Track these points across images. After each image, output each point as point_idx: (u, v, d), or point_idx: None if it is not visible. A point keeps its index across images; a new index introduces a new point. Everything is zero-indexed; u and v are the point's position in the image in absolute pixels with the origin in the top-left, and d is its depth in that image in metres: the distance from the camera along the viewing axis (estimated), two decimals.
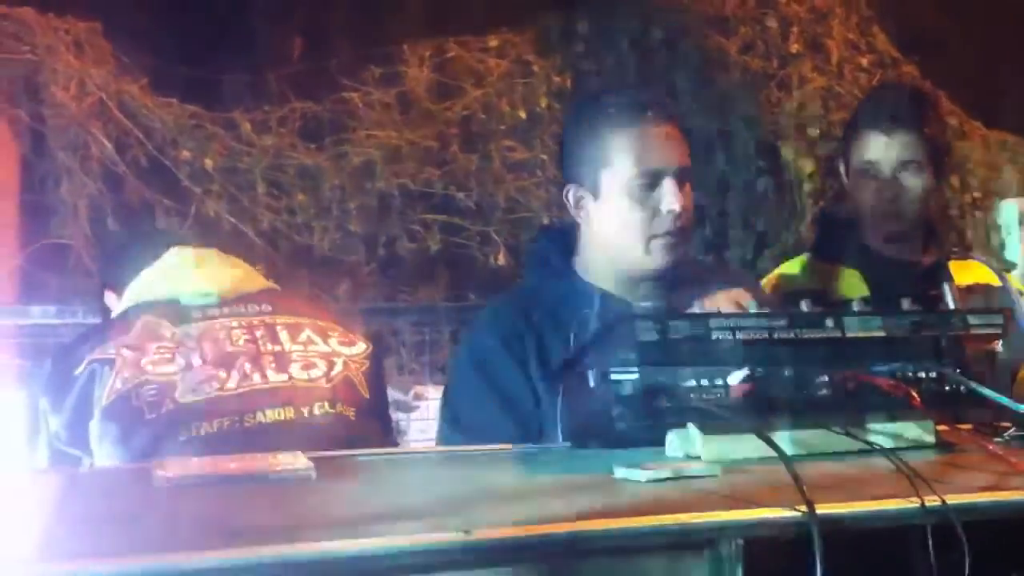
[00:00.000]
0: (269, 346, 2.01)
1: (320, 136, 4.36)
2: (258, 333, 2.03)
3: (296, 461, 1.40)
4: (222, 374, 1.95)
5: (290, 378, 1.98)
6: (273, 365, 1.99)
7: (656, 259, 1.93)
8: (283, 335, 2.04)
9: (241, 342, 2.01)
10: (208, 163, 4.14)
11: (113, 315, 2.16)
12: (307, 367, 2.00)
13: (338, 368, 2.03)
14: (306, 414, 1.94)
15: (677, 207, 1.91)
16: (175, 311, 2.04)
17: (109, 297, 2.25)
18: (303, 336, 2.06)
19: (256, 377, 1.97)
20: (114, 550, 1.05)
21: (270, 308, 2.09)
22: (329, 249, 4.23)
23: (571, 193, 2.00)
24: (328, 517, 1.20)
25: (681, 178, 1.94)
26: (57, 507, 1.25)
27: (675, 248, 1.94)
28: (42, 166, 3.93)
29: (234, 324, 2.04)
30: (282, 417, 1.93)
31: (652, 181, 1.92)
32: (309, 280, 4.20)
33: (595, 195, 1.96)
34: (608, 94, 2.05)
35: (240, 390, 1.94)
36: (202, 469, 1.37)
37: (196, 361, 1.95)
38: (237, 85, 4.47)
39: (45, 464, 1.89)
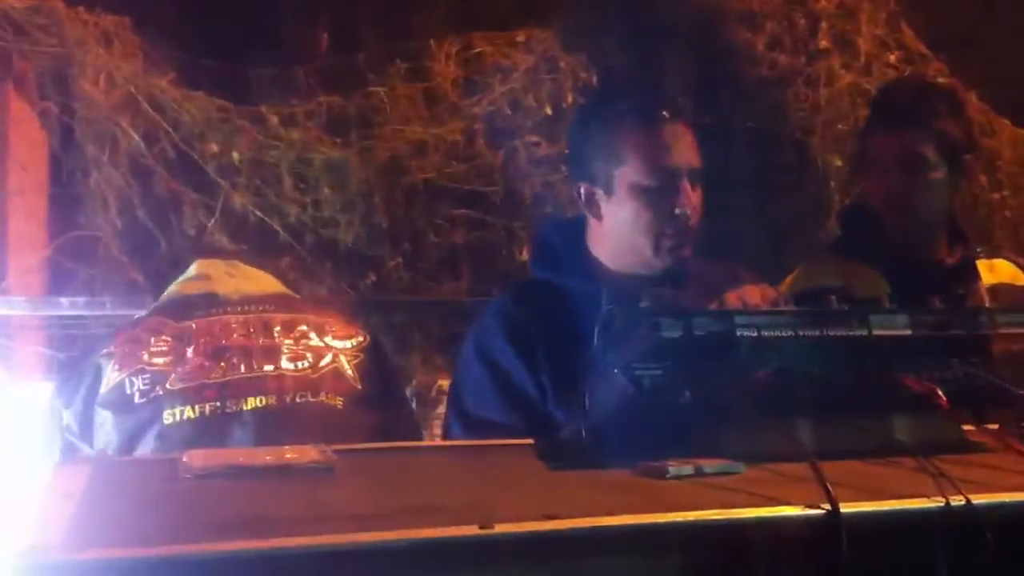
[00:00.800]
0: (261, 340, 2.05)
1: (346, 130, 4.36)
2: (252, 328, 2.07)
3: (319, 454, 1.41)
4: (210, 364, 1.99)
5: (276, 368, 2.02)
6: (262, 357, 2.02)
7: (664, 259, 1.94)
8: (276, 330, 2.08)
9: (235, 336, 2.05)
10: (235, 156, 4.15)
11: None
12: (295, 359, 2.05)
13: (327, 360, 2.06)
14: (288, 401, 1.98)
15: (688, 209, 1.92)
16: (179, 309, 2.09)
17: None
18: (297, 331, 2.09)
19: (243, 368, 2.01)
20: (139, 539, 1.06)
21: (272, 307, 2.14)
22: (354, 243, 4.24)
23: (582, 189, 2.00)
24: (349, 510, 1.20)
25: (692, 179, 1.95)
26: (83, 497, 1.26)
27: (682, 248, 1.95)
28: (71, 159, 3.95)
29: (233, 321, 2.08)
30: (263, 404, 1.97)
31: (665, 181, 1.92)
32: (334, 273, 4.20)
33: (607, 192, 1.96)
34: (622, 92, 2.05)
35: (226, 379, 1.98)
36: (226, 460, 1.38)
37: (190, 353, 2.00)
38: (264, 79, 4.47)
39: (57, 458, 1.92)
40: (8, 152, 3.92)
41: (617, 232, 1.97)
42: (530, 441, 1.59)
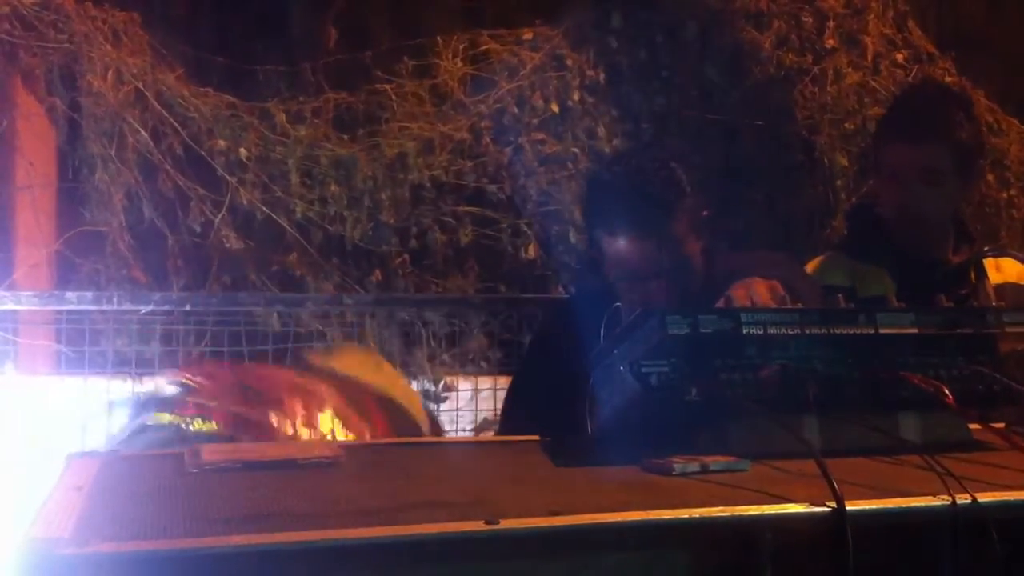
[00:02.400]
0: None
1: (354, 127, 4.37)
2: None
3: (325, 448, 1.41)
4: None
5: None
6: None
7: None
8: None
9: None
10: (243, 153, 4.15)
11: None
12: None
13: None
14: None
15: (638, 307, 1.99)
16: None
17: None
18: None
19: None
20: (147, 533, 1.06)
21: None
22: (361, 239, 4.24)
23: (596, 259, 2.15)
24: (355, 505, 1.20)
25: (648, 277, 2.03)
26: (91, 491, 1.27)
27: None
28: (79, 154, 3.96)
29: None
30: None
31: (628, 279, 2.06)
32: (341, 270, 4.21)
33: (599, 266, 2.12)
34: (605, 182, 2.12)
35: None
36: (233, 455, 1.38)
37: None
38: (272, 76, 4.48)
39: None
40: (16, 147, 3.93)
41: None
42: (536, 438, 1.59)
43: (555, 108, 4.56)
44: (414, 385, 3.80)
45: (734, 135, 4.68)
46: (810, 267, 2.44)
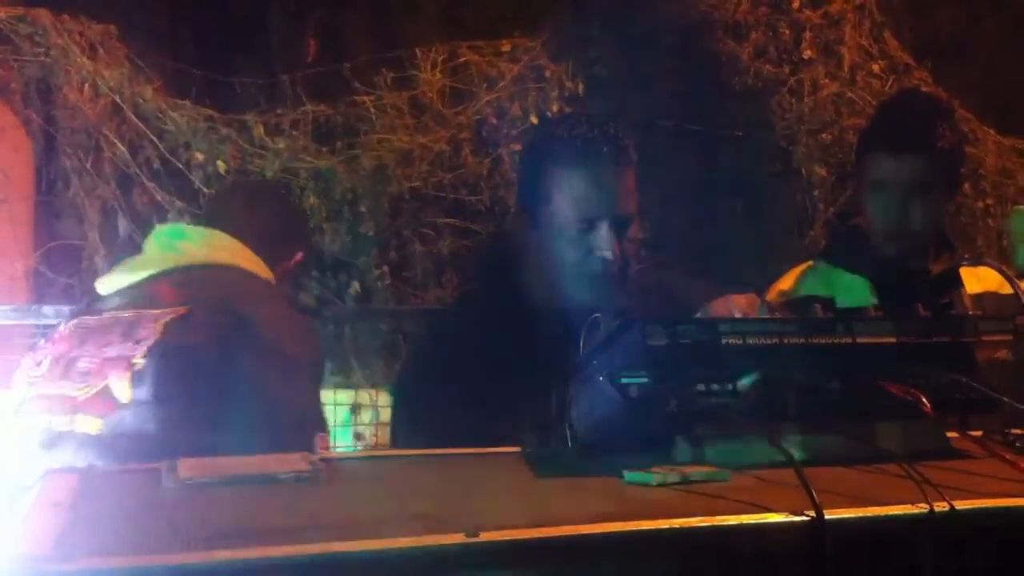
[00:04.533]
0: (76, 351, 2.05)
1: (332, 139, 4.37)
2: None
3: (304, 462, 1.40)
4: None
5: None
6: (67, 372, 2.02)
7: (586, 297, 1.91)
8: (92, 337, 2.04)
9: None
10: (221, 165, 4.15)
11: None
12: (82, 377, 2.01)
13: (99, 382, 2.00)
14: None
15: (609, 255, 1.90)
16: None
17: None
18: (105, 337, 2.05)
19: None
20: (122, 549, 1.05)
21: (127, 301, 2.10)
22: (340, 251, 4.24)
23: (518, 213, 2.00)
24: (333, 518, 1.20)
25: (620, 225, 1.92)
26: (65, 507, 1.26)
27: (606, 289, 1.92)
28: (55, 168, 3.95)
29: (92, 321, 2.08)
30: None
31: (587, 226, 1.90)
32: (320, 282, 4.21)
33: (535, 224, 1.95)
34: (562, 127, 2.00)
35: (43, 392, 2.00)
36: (212, 469, 1.37)
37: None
38: (251, 88, 4.48)
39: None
40: None
41: (543, 263, 1.95)
42: (517, 449, 1.59)
43: (534, 119, 4.57)
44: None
45: (713, 145, 4.70)
46: (789, 277, 2.45)
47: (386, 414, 3.81)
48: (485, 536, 1.07)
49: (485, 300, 2.02)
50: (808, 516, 1.16)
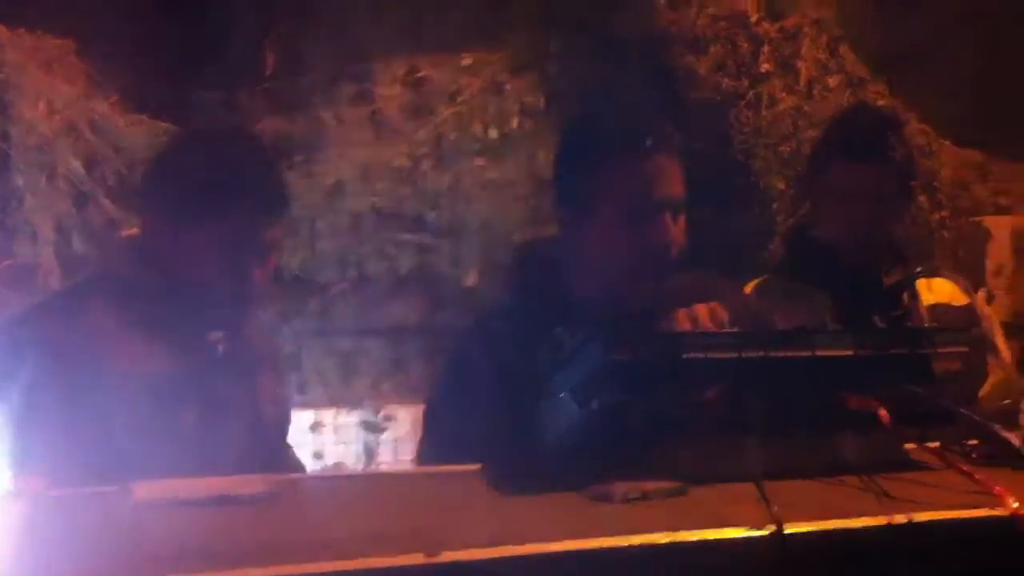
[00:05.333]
0: None
1: (291, 154, 4.35)
2: None
3: (263, 484, 1.39)
4: None
5: None
6: None
7: (642, 291, 1.90)
8: None
9: None
10: None
11: None
12: None
13: None
14: None
15: (668, 242, 1.89)
16: None
17: None
18: None
19: None
20: (85, 573, 1.04)
21: None
22: (299, 268, 4.22)
23: (565, 212, 1.97)
24: (295, 539, 1.19)
25: (676, 211, 1.92)
26: (26, 530, 1.24)
27: (660, 281, 1.92)
28: (8, 185, 3.90)
29: None
30: None
31: (647, 212, 1.90)
32: (279, 299, 4.18)
33: (589, 218, 1.93)
34: (611, 116, 2.01)
35: None
36: (170, 492, 1.36)
37: None
38: (209, 102, 4.45)
39: None
40: None
41: (596, 260, 1.94)
42: (478, 466, 1.58)
43: (495, 133, 4.58)
44: (354, 416, 3.78)
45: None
46: (747, 290, 2.46)
47: (346, 432, 3.79)
48: (446, 555, 1.07)
49: (524, 311, 1.97)
50: (768, 529, 1.16)
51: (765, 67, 5.01)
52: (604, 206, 1.91)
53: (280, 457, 1.97)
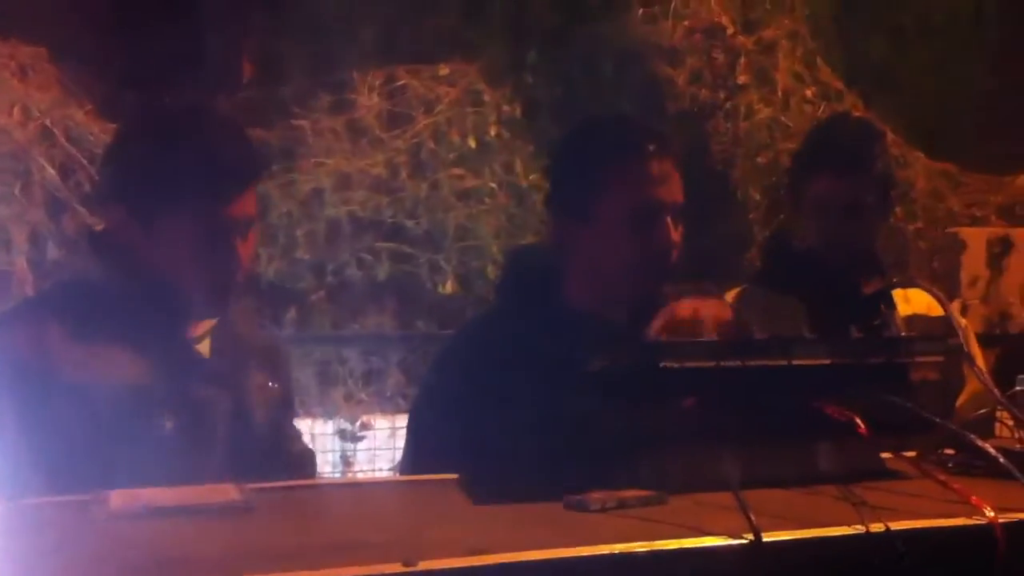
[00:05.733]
0: None
1: (269, 162, 4.33)
2: None
3: (238, 493, 1.38)
4: None
5: None
6: None
7: (640, 296, 1.91)
8: None
9: None
10: None
11: None
12: None
13: None
14: None
15: (669, 245, 1.90)
16: None
17: None
18: None
19: None
20: None
21: None
22: (276, 276, 4.20)
23: (562, 217, 1.97)
24: (268, 550, 1.18)
25: (675, 215, 1.94)
26: None
27: (660, 284, 1.92)
28: None
29: None
30: None
31: (648, 216, 1.91)
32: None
33: (587, 223, 1.93)
34: (610, 121, 2.03)
35: None
36: (143, 501, 1.34)
37: None
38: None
39: None
40: None
41: (595, 264, 1.94)
42: (455, 475, 1.57)
43: (472, 143, 4.58)
44: (330, 425, 3.76)
45: None
46: (727, 298, 2.46)
47: (322, 441, 3.77)
48: (424, 565, 1.06)
49: (517, 314, 1.96)
50: (746, 539, 1.16)
51: (742, 79, 5.04)
52: (606, 210, 1.91)
53: (279, 459, 1.86)
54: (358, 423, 3.85)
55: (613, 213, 1.91)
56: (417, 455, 1.93)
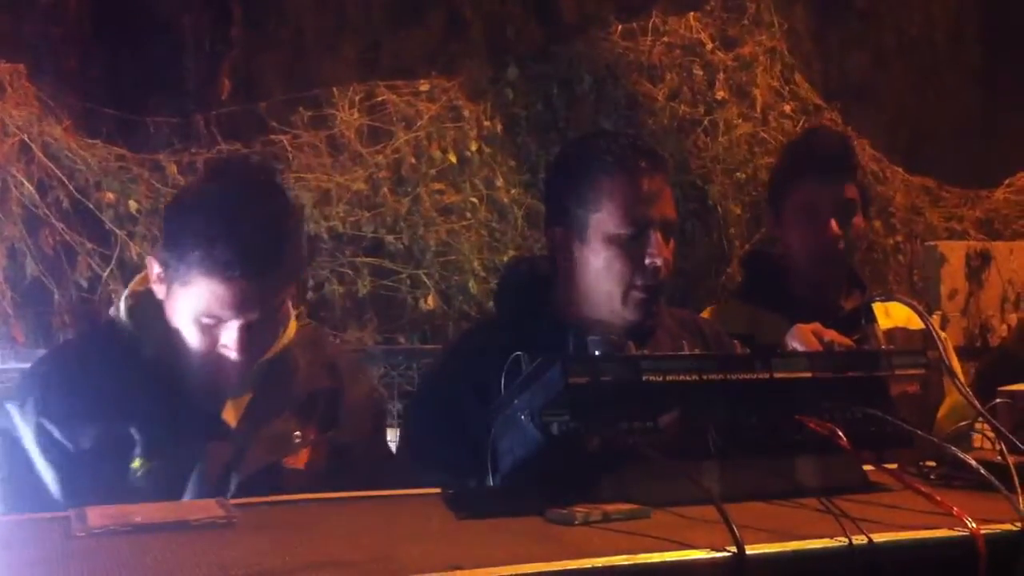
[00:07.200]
0: None
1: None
2: None
3: (219, 509, 1.37)
4: None
5: None
6: None
7: (631, 311, 1.92)
8: None
9: None
10: (132, 205, 4.08)
11: None
12: None
13: None
14: None
15: (659, 261, 1.91)
16: None
17: None
18: None
19: None
20: None
21: None
22: None
23: (556, 233, 1.99)
24: (252, 567, 1.17)
25: (666, 231, 1.95)
26: None
27: (651, 302, 1.93)
28: None
29: None
30: None
31: (639, 232, 1.92)
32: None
33: (581, 238, 1.94)
34: (603, 137, 2.04)
35: None
36: (123, 518, 1.33)
37: None
38: (164, 127, 4.42)
39: None
40: None
41: (588, 279, 1.95)
42: (437, 490, 1.57)
43: (453, 158, 4.58)
44: None
45: None
46: (706, 314, 2.46)
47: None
48: None
49: (512, 325, 1.97)
50: (730, 552, 1.16)
51: (720, 94, 5.06)
52: (597, 225, 1.93)
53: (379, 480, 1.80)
54: None
55: (605, 228, 1.92)
56: (410, 449, 1.96)
